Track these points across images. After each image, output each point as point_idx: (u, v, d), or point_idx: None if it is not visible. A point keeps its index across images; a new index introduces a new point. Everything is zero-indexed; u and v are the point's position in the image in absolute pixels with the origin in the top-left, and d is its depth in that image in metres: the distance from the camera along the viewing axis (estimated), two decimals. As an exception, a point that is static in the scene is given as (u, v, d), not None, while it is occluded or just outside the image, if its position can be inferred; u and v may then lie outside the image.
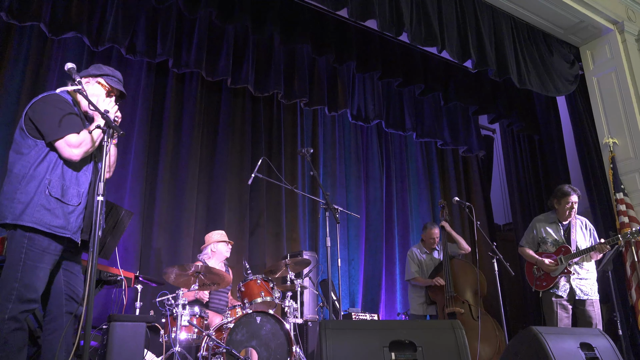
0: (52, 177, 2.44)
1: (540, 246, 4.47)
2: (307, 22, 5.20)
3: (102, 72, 2.73)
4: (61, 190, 2.45)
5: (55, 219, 2.41)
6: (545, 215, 4.59)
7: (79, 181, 2.53)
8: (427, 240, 5.22)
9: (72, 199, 2.48)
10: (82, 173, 2.56)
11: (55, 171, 2.46)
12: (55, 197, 2.42)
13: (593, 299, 4.22)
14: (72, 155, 2.49)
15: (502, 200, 7.67)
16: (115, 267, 3.53)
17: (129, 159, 4.90)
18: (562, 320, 4.19)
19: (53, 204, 2.42)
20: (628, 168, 5.60)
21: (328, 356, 2.12)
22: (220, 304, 4.53)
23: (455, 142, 7.06)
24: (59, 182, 2.46)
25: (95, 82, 2.69)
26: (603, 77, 5.97)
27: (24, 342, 2.35)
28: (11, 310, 2.30)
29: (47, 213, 2.39)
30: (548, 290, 4.28)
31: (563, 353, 2.47)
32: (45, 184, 2.42)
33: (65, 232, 2.44)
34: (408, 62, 5.98)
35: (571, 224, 4.40)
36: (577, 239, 4.33)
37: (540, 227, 4.49)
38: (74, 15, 4.40)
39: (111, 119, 2.47)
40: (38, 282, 2.38)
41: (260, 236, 5.54)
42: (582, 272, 4.26)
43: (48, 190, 2.41)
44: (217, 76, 5.19)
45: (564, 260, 4.24)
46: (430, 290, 4.98)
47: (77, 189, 2.51)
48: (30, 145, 2.47)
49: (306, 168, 6.03)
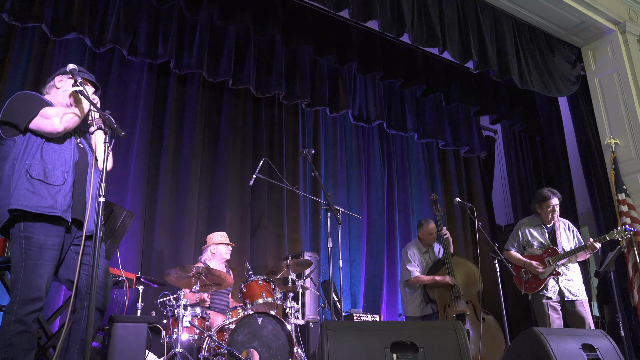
0: (32, 162, 2.46)
1: (525, 249, 4.50)
2: (309, 23, 5.21)
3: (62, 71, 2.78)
4: (43, 172, 2.46)
5: (41, 199, 2.42)
6: (529, 218, 4.62)
7: (61, 161, 2.54)
8: (426, 237, 5.07)
9: (55, 179, 2.48)
10: (64, 152, 2.57)
11: (35, 156, 2.48)
12: (37, 179, 2.43)
13: (582, 299, 4.26)
14: (54, 125, 2.50)
15: (504, 201, 7.66)
16: (116, 268, 3.53)
17: (130, 160, 4.90)
18: (554, 321, 4.20)
19: (37, 185, 2.43)
20: (630, 169, 5.60)
21: (329, 357, 2.11)
22: (221, 305, 4.53)
23: (457, 143, 7.05)
24: (40, 165, 2.47)
25: (67, 79, 2.72)
26: (605, 78, 5.97)
27: (30, 345, 2.35)
28: (17, 312, 2.31)
29: (33, 195, 2.40)
30: (537, 292, 4.30)
31: (565, 354, 2.46)
32: (26, 169, 2.44)
33: (55, 210, 2.44)
34: (409, 63, 5.98)
35: (555, 226, 4.45)
36: (562, 241, 4.37)
37: (525, 230, 4.53)
38: (76, 16, 4.41)
39: (113, 120, 2.48)
40: (39, 280, 2.38)
41: (261, 237, 5.54)
42: (569, 273, 4.31)
43: (29, 174, 2.43)
44: (218, 77, 5.19)
45: (552, 261, 4.27)
46: (429, 288, 4.83)
47: (60, 169, 2.52)
48: (10, 146, 2.50)
49: (307, 169, 6.03)
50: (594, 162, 5.94)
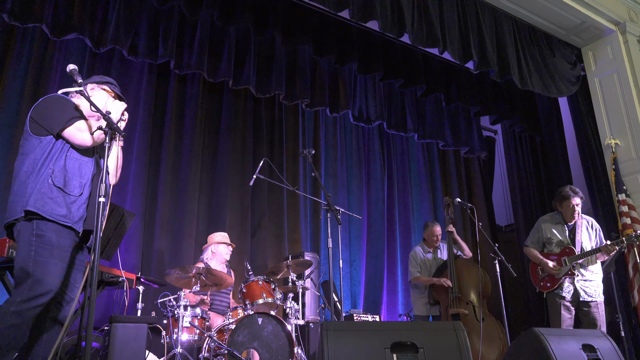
0: (55, 168, 2.50)
1: (545, 247, 4.45)
2: (309, 24, 5.21)
3: (105, 80, 2.86)
4: (63, 181, 2.50)
5: (57, 207, 2.45)
6: (550, 215, 4.57)
7: (81, 172, 2.59)
8: (429, 239, 5.19)
9: (74, 189, 2.53)
10: (85, 165, 2.62)
11: (59, 162, 2.52)
12: (57, 187, 2.48)
13: (598, 300, 4.19)
14: (85, 140, 2.56)
15: (504, 201, 7.66)
16: (117, 268, 3.53)
17: (130, 160, 4.91)
18: (565, 321, 4.17)
19: (55, 192, 2.47)
20: (630, 169, 5.59)
21: (330, 357, 2.11)
22: (221, 305, 4.53)
23: (457, 143, 7.05)
24: (62, 173, 2.51)
25: (100, 89, 2.79)
26: (605, 78, 5.97)
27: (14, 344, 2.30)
28: (19, 304, 2.29)
29: (50, 201, 2.44)
30: (552, 291, 4.27)
31: (565, 355, 2.46)
32: (49, 174, 2.47)
33: (67, 220, 2.48)
34: (409, 63, 5.98)
35: (577, 224, 4.37)
36: (582, 240, 4.30)
37: (545, 227, 4.47)
38: (76, 16, 4.41)
39: (113, 121, 2.49)
40: (50, 278, 2.37)
41: (261, 237, 5.54)
42: (587, 273, 4.23)
43: (51, 180, 2.47)
44: (218, 77, 5.19)
45: (568, 261, 4.22)
46: (434, 290, 4.94)
47: (79, 180, 2.57)
48: (35, 144, 2.53)
49: (308, 169, 6.03)
50: (594, 162, 5.94)
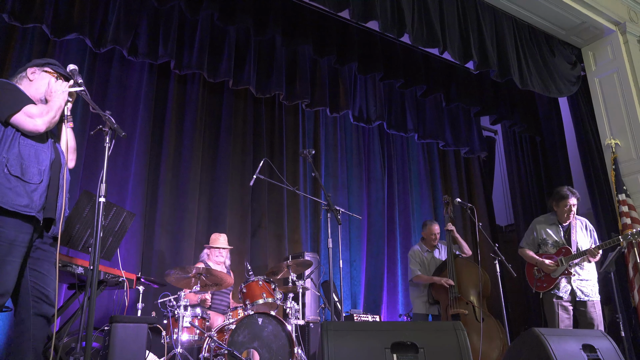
0: (9, 156, 2.36)
1: (540, 247, 4.47)
2: (309, 24, 5.21)
3: (45, 61, 2.72)
4: (20, 169, 2.37)
5: (17, 197, 2.33)
6: (545, 216, 4.59)
7: (38, 159, 2.46)
8: (428, 238, 5.18)
9: (33, 177, 2.40)
10: (41, 150, 2.49)
11: (12, 150, 2.38)
12: (15, 176, 2.35)
13: (594, 300, 4.22)
14: (36, 126, 2.43)
15: (504, 201, 7.66)
16: (117, 269, 3.53)
17: (131, 160, 4.91)
18: (563, 321, 4.18)
19: (14, 182, 2.34)
20: (630, 169, 5.59)
21: (330, 358, 2.11)
22: (222, 305, 4.54)
23: (457, 144, 7.05)
24: (17, 161, 2.38)
25: (41, 71, 2.66)
26: (605, 78, 5.97)
27: None
28: None
29: (9, 191, 2.31)
30: (549, 291, 4.28)
31: (565, 355, 2.46)
32: (4, 162, 2.34)
33: (30, 210, 2.35)
34: (410, 63, 5.98)
35: (571, 225, 4.40)
36: (577, 240, 4.33)
37: (540, 228, 4.49)
38: (76, 16, 4.41)
39: (113, 121, 2.48)
40: (5, 277, 2.28)
41: (262, 237, 5.54)
42: (582, 273, 4.26)
43: (7, 169, 2.34)
44: (218, 77, 5.19)
45: (565, 261, 4.24)
46: (434, 289, 4.92)
47: (37, 167, 2.44)
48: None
49: (308, 169, 6.03)
50: (594, 162, 5.94)
